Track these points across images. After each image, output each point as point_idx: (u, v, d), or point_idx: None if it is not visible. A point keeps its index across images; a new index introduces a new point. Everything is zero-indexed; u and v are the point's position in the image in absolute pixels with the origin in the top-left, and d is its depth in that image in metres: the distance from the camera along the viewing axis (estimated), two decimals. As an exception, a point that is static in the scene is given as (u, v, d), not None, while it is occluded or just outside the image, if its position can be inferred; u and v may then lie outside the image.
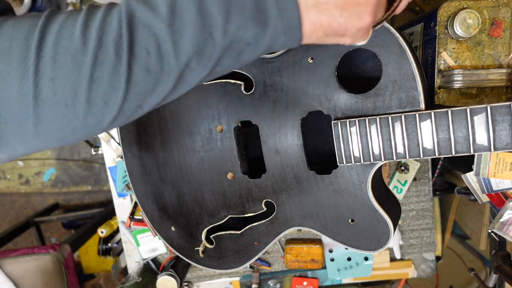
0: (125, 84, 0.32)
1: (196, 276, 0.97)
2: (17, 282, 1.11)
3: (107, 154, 0.91)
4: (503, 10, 0.56)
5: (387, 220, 0.58)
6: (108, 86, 0.32)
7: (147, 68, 0.32)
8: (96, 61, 0.32)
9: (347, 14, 0.31)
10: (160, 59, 0.32)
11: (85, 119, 0.34)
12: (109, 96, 0.33)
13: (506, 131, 0.46)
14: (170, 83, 0.33)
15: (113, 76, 0.32)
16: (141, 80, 0.33)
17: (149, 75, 0.32)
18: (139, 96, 0.34)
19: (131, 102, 0.34)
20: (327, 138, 0.72)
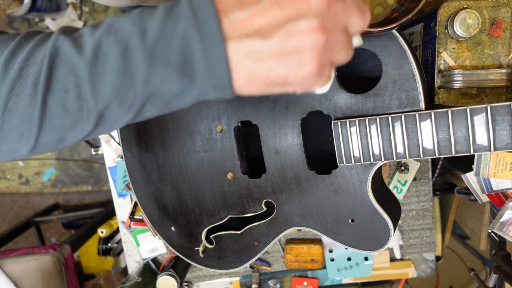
0: (39, 118, 0.32)
1: (196, 276, 0.97)
2: (17, 282, 1.11)
3: (107, 154, 0.91)
4: (503, 10, 0.56)
5: (387, 220, 0.58)
6: (21, 118, 0.32)
7: (64, 105, 0.31)
8: (12, 92, 0.31)
9: (284, 63, 0.28)
10: (79, 98, 0.31)
11: (0, 146, 0.34)
12: (22, 127, 0.33)
13: (506, 131, 0.46)
14: (90, 122, 0.33)
15: (27, 109, 0.32)
16: (57, 116, 0.32)
17: (66, 112, 0.32)
18: (56, 131, 0.33)
19: (48, 135, 0.33)
20: (327, 138, 0.72)
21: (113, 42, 0.29)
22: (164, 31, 0.28)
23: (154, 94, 0.31)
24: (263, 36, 0.27)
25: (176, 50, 0.28)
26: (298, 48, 0.28)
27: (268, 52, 0.28)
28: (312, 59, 0.28)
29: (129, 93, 0.31)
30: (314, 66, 0.29)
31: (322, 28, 0.28)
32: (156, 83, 0.30)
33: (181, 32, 0.28)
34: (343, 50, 0.31)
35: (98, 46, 0.30)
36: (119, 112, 0.32)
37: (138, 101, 0.31)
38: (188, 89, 0.30)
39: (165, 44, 0.28)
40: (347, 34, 0.31)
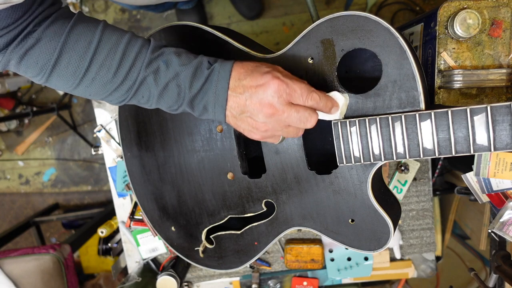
0: (124, 102, 0.57)
1: (196, 276, 0.97)
2: (17, 282, 1.11)
3: (107, 154, 0.91)
4: (503, 10, 0.56)
5: (387, 220, 0.58)
6: (116, 101, 0.57)
7: (139, 102, 0.57)
8: (111, 95, 0.56)
9: (246, 129, 0.54)
10: (147, 103, 0.56)
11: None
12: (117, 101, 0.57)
13: (506, 131, 0.46)
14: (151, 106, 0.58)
15: (120, 99, 0.56)
16: (134, 102, 0.57)
17: (138, 103, 0.58)
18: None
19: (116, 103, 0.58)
20: (327, 138, 0.72)
21: (175, 85, 0.52)
22: (200, 91, 0.52)
23: (185, 111, 0.56)
24: (241, 117, 0.53)
25: (202, 102, 0.53)
26: (253, 129, 0.53)
27: (242, 123, 0.53)
28: (257, 135, 0.54)
29: (173, 108, 0.55)
30: (258, 137, 0.54)
31: (266, 126, 0.52)
32: (188, 110, 0.55)
33: (206, 98, 0.52)
34: (284, 135, 0.55)
35: (167, 84, 0.52)
36: (165, 110, 0.56)
37: (176, 112, 0.57)
38: (202, 115, 0.55)
39: (199, 98, 0.53)
40: (289, 127, 0.53)
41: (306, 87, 0.51)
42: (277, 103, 0.50)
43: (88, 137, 1.82)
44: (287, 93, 0.50)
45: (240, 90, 0.51)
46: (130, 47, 0.51)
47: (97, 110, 0.90)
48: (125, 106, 0.75)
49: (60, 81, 0.51)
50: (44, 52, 0.48)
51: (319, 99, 0.52)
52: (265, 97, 0.49)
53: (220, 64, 0.52)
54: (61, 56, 0.49)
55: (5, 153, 1.89)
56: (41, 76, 0.50)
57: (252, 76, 0.51)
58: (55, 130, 1.85)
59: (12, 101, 1.77)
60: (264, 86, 0.49)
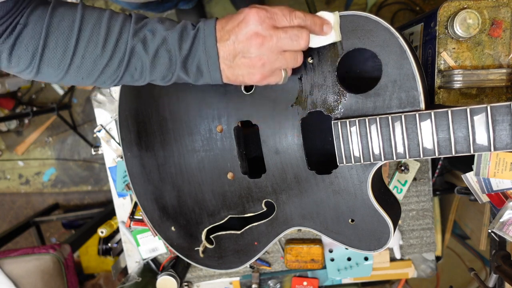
0: (117, 81, 0.56)
1: (196, 276, 0.97)
2: (17, 282, 1.11)
3: (107, 154, 0.91)
4: (503, 10, 0.56)
5: (387, 220, 0.58)
6: (107, 77, 0.55)
7: (132, 76, 0.55)
8: (105, 68, 0.54)
9: (245, 74, 0.52)
10: (141, 75, 0.55)
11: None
12: (109, 81, 0.56)
13: (506, 131, 0.46)
14: (142, 83, 0.57)
15: (112, 76, 0.55)
16: (127, 81, 0.56)
17: (132, 79, 0.56)
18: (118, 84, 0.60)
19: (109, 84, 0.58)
20: (327, 138, 0.72)
21: (165, 50, 0.52)
22: (190, 52, 0.52)
23: (181, 80, 0.55)
24: (236, 63, 0.52)
25: (195, 62, 0.53)
26: (250, 69, 0.52)
27: (238, 69, 0.52)
28: (257, 75, 0.52)
29: (167, 78, 0.55)
30: (259, 77, 0.53)
31: (261, 59, 0.51)
32: (182, 75, 0.54)
33: (198, 57, 0.52)
34: (283, 64, 0.52)
35: (157, 51, 0.52)
36: (160, 82, 0.56)
37: (171, 81, 0.56)
38: (198, 79, 0.55)
39: (190, 59, 0.53)
40: (285, 53, 0.51)
41: (286, 7, 0.51)
42: (262, 30, 0.49)
43: (88, 137, 1.82)
44: (268, 17, 0.49)
45: (226, 37, 0.50)
46: (113, 20, 0.51)
47: (97, 110, 0.90)
48: (126, 106, 0.75)
49: (51, 66, 0.51)
50: (32, 36, 0.49)
51: (304, 16, 0.51)
52: (249, 29, 0.49)
53: (204, 22, 0.52)
54: (48, 38, 0.49)
55: (5, 153, 1.89)
56: (33, 65, 0.50)
57: (232, 19, 0.51)
58: (55, 130, 1.85)
59: (12, 101, 1.77)
60: (244, 20, 0.49)
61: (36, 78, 0.53)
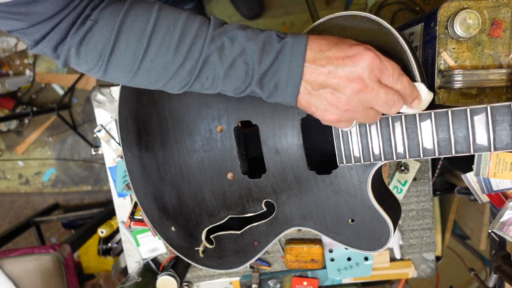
0: (188, 87, 0.53)
1: (196, 276, 0.97)
2: (17, 282, 1.11)
3: (107, 154, 0.91)
4: (503, 10, 0.56)
5: (387, 220, 0.58)
6: (178, 83, 0.52)
7: (203, 85, 0.52)
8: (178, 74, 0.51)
9: (321, 108, 0.48)
10: (212, 84, 0.51)
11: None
12: (180, 86, 0.53)
13: (506, 131, 0.46)
14: (213, 91, 0.54)
15: (183, 81, 0.52)
16: (196, 88, 0.53)
17: (202, 87, 0.53)
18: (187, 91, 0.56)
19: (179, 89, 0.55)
20: (327, 138, 0.72)
21: (243, 62, 0.48)
22: (271, 67, 0.47)
23: (253, 94, 0.52)
24: (319, 93, 0.47)
25: (274, 80, 0.48)
26: (331, 107, 0.47)
27: (318, 100, 0.47)
28: (333, 115, 0.48)
29: (239, 90, 0.51)
30: (333, 118, 0.48)
31: (348, 105, 0.46)
32: (256, 90, 0.50)
33: (278, 75, 0.47)
34: (362, 119, 0.49)
35: (233, 62, 0.48)
36: (230, 93, 0.52)
37: (243, 94, 0.52)
38: (271, 97, 0.50)
39: (270, 76, 0.48)
40: (371, 110, 0.48)
41: (397, 67, 0.46)
42: (367, 78, 0.44)
43: (88, 137, 1.82)
44: (379, 69, 0.44)
45: (323, 62, 0.45)
46: (189, 24, 0.48)
47: (97, 110, 0.90)
48: (126, 106, 0.75)
49: (119, 67, 0.49)
50: (102, 34, 0.47)
51: (407, 85, 0.47)
52: (354, 70, 0.44)
53: (293, 38, 0.47)
54: (119, 38, 0.47)
55: (5, 153, 1.89)
56: (100, 64, 0.48)
57: (338, 47, 0.45)
58: (55, 130, 1.85)
59: (12, 101, 1.77)
60: (354, 57, 0.44)
61: (104, 78, 0.51)
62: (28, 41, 0.47)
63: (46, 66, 1.81)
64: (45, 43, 0.46)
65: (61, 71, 1.80)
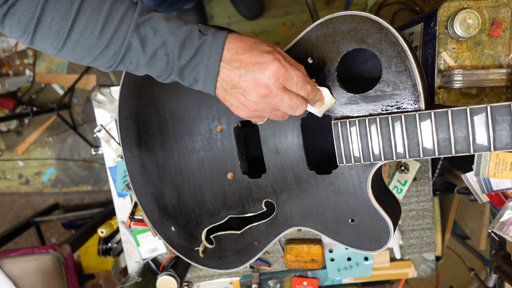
0: (110, 68, 0.53)
1: (196, 276, 0.97)
2: (17, 282, 1.11)
3: (107, 154, 0.91)
4: (503, 10, 0.56)
5: (387, 220, 0.58)
6: (102, 66, 0.53)
7: (127, 68, 0.53)
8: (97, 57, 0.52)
9: (234, 105, 0.53)
10: (136, 69, 0.53)
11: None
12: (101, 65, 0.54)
13: (506, 131, 0.46)
14: (140, 73, 0.55)
15: (106, 66, 0.53)
16: (120, 69, 0.55)
17: (127, 69, 0.54)
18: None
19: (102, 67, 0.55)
20: (327, 138, 0.72)
21: (164, 54, 0.50)
22: (190, 62, 0.51)
23: (174, 81, 0.54)
24: (231, 92, 0.51)
25: (192, 74, 0.52)
26: (241, 106, 0.52)
27: (231, 98, 0.52)
28: (244, 112, 0.53)
29: (161, 78, 0.53)
30: (244, 115, 0.54)
31: (256, 106, 0.51)
32: (177, 80, 0.53)
33: (197, 71, 0.51)
34: (271, 117, 0.55)
35: (155, 52, 0.50)
36: (155, 77, 0.54)
37: (166, 81, 0.54)
38: (192, 86, 0.54)
39: (188, 70, 0.51)
40: (277, 111, 0.53)
41: (302, 76, 0.51)
42: (272, 86, 0.49)
43: (88, 137, 1.82)
44: (284, 77, 0.49)
45: (236, 65, 0.50)
46: (115, 8, 0.48)
47: (97, 110, 0.90)
48: (126, 106, 0.75)
49: (44, 42, 0.49)
50: (26, 10, 0.47)
51: (311, 91, 0.52)
52: (261, 77, 0.49)
53: (213, 36, 0.50)
54: (43, 15, 0.47)
55: (5, 153, 1.89)
56: (25, 37, 0.49)
57: (251, 52, 0.50)
58: (55, 130, 1.85)
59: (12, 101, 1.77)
60: (263, 65, 0.49)
61: (32, 47, 0.51)
62: None
63: (46, 66, 1.81)
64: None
65: (61, 71, 1.80)
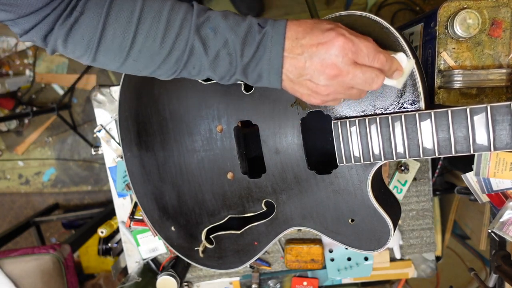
0: (174, 75, 0.54)
1: (196, 276, 0.97)
2: (17, 282, 1.11)
3: (107, 154, 0.91)
4: (503, 10, 0.56)
5: (387, 220, 0.58)
6: (166, 74, 0.54)
7: (190, 73, 0.53)
8: (160, 66, 0.52)
9: (305, 93, 0.50)
10: (198, 73, 0.53)
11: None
12: (168, 73, 0.54)
13: (506, 131, 0.46)
14: (201, 78, 0.55)
15: (170, 71, 0.53)
16: (184, 75, 0.54)
17: (189, 75, 0.54)
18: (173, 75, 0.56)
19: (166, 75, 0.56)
20: (327, 138, 0.72)
21: (226, 53, 0.49)
22: (253, 58, 0.49)
23: (239, 81, 0.53)
24: (299, 81, 0.49)
25: (256, 70, 0.50)
26: (313, 93, 0.50)
27: (300, 87, 0.50)
28: (316, 99, 0.50)
29: (225, 79, 0.52)
30: (318, 102, 0.51)
31: (328, 89, 0.48)
32: (241, 79, 0.52)
33: (260, 66, 0.49)
34: (346, 97, 0.51)
35: (217, 53, 0.49)
36: (217, 80, 0.53)
37: (229, 82, 0.53)
38: (256, 83, 0.52)
39: (252, 67, 0.50)
40: (352, 89, 0.49)
41: (373, 46, 0.47)
42: (341, 63, 0.45)
43: (88, 137, 1.82)
44: (352, 51, 0.45)
45: (299, 51, 0.47)
46: (173, 13, 0.48)
47: (97, 110, 0.90)
48: (126, 106, 0.75)
49: (107, 57, 0.50)
50: (89, 25, 0.47)
51: (385, 61, 0.47)
52: (327, 57, 0.45)
53: (272, 27, 0.48)
54: (105, 29, 0.48)
55: (5, 153, 1.89)
56: (88, 54, 0.49)
57: (312, 34, 0.46)
58: (55, 130, 1.85)
59: (12, 101, 1.77)
60: (327, 44, 0.45)
61: (94, 65, 0.52)
62: (18, 29, 0.47)
63: (46, 66, 1.81)
64: (34, 33, 0.47)
65: (61, 71, 1.80)
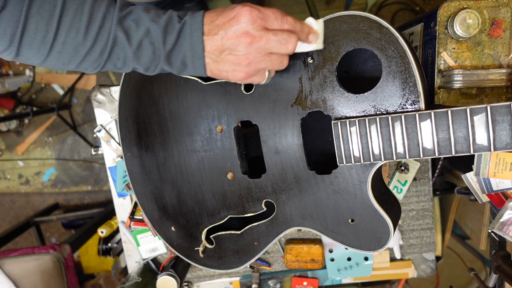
0: (99, 69, 0.54)
1: (196, 276, 0.97)
2: (17, 282, 1.11)
3: (107, 154, 0.91)
4: (503, 10, 0.56)
5: (387, 220, 0.58)
6: (91, 68, 0.54)
7: (115, 65, 0.54)
8: (83, 59, 0.53)
9: (229, 71, 0.52)
10: (123, 64, 0.53)
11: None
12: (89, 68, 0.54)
13: (506, 131, 0.46)
14: (127, 70, 0.56)
15: (94, 66, 0.53)
16: (109, 69, 0.54)
17: (114, 67, 0.54)
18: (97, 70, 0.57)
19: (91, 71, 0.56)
20: (327, 138, 0.72)
21: (149, 42, 0.51)
22: (175, 46, 0.51)
23: (164, 71, 0.55)
24: (221, 58, 0.51)
25: (179, 57, 0.52)
26: (235, 66, 0.52)
27: (224, 64, 0.52)
28: (240, 72, 0.52)
29: (150, 69, 0.54)
30: (243, 75, 0.53)
31: (247, 58, 0.51)
32: (166, 68, 0.54)
33: (183, 52, 0.52)
34: (269, 66, 0.53)
35: (140, 42, 0.50)
36: (143, 72, 0.55)
37: (154, 72, 0.55)
38: (182, 72, 0.54)
39: (175, 53, 0.52)
40: (272, 55, 0.52)
41: (279, 11, 0.51)
42: (252, 30, 0.49)
43: (88, 137, 1.82)
44: (260, 18, 0.49)
45: (215, 31, 0.50)
46: (96, 6, 0.49)
47: (97, 110, 0.90)
48: (126, 106, 0.75)
49: (31, 50, 0.50)
50: (10, 19, 0.47)
51: (294, 22, 0.51)
52: (239, 27, 0.49)
53: (191, 16, 0.52)
54: (27, 22, 0.48)
55: (5, 153, 1.89)
56: (12, 48, 0.49)
57: (223, 13, 0.51)
58: (55, 130, 1.85)
59: (12, 101, 1.77)
60: (236, 17, 0.49)
61: (17, 60, 0.52)
62: None
63: (46, 66, 1.81)
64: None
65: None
